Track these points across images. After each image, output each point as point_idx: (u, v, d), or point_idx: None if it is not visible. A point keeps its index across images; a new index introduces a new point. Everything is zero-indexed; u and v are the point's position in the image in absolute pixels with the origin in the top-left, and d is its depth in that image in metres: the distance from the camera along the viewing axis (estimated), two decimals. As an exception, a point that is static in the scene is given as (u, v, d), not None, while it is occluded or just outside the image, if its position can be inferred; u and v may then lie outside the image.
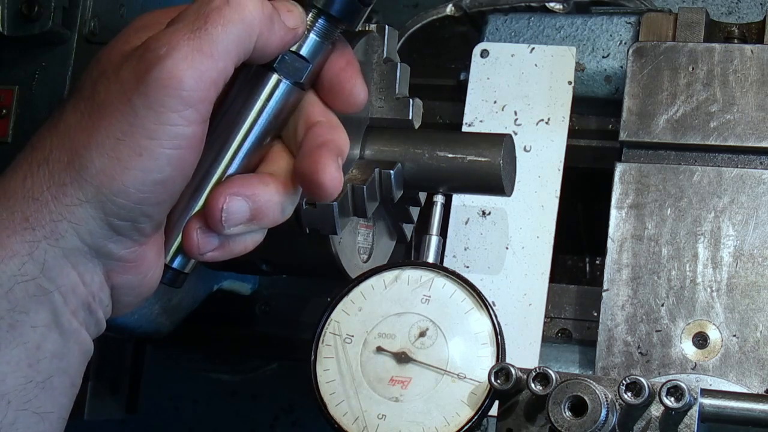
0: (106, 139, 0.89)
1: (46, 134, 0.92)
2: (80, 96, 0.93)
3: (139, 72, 0.89)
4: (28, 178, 0.91)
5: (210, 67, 0.90)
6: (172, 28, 0.91)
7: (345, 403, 1.08)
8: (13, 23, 1.18)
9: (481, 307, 1.10)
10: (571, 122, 1.34)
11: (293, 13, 0.96)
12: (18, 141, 1.20)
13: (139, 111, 0.88)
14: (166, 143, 0.89)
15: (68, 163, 0.90)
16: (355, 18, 1.00)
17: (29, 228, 0.90)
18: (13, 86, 1.21)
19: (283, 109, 1.00)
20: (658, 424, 1.02)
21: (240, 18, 0.91)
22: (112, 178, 0.89)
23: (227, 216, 0.95)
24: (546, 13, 1.40)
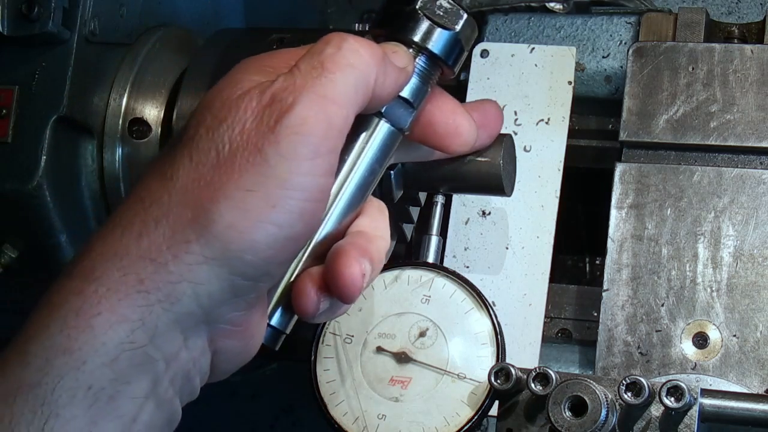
0: (235, 191, 0.84)
1: (159, 188, 0.86)
2: (194, 147, 0.87)
3: (269, 120, 0.85)
4: (144, 236, 0.85)
5: (337, 113, 0.87)
6: (290, 76, 0.87)
7: (345, 403, 1.08)
8: (13, 23, 1.18)
9: (481, 307, 1.10)
10: (571, 122, 1.34)
11: (399, 53, 0.93)
12: (18, 141, 1.20)
13: (271, 160, 0.84)
14: (298, 194, 0.85)
15: (192, 218, 0.84)
16: (457, 60, 0.97)
17: (143, 291, 0.83)
18: (13, 86, 1.21)
19: (387, 155, 0.96)
20: (658, 424, 1.02)
21: (356, 62, 0.88)
22: (242, 233, 0.84)
23: (356, 284, 0.91)
24: (546, 13, 1.40)
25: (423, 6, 0.94)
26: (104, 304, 0.83)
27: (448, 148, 1.01)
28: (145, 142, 1.25)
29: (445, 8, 0.94)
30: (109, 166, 1.25)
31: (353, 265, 0.90)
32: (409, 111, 0.95)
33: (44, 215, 1.20)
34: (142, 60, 1.27)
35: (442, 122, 0.98)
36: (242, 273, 0.85)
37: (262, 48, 1.22)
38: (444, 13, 0.94)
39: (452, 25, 0.95)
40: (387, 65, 0.91)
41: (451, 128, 0.99)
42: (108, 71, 1.26)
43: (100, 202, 1.26)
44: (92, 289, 0.83)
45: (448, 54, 0.95)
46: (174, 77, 1.28)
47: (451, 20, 0.95)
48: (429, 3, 0.94)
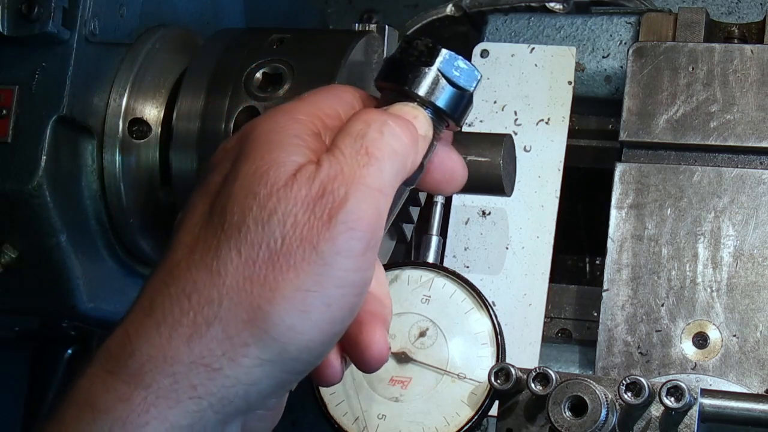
0: (294, 292, 0.81)
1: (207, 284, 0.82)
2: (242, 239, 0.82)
3: (322, 215, 0.82)
4: (195, 340, 0.80)
5: (385, 204, 0.84)
6: (336, 162, 0.84)
7: (345, 403, 1.08)
8: (13, 23, 1.18)
9: (481, 307, 1.10)
10: (571, 122, 1.34)
11: (419, 119, 0.90)
12: (18, 141, 1.20)
13: (328, 258, 0.81)
14: (351, 290, 0.83)
15: (248, 321, 0.80)
16: (465, 115, 0.95)
17: (196, 398, 0.80)
18: (13, 86, 1.21)
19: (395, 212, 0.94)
20: (658, 424, 1.02)
21: (399, 149, 0.86)
22: (302, 334, 0.81)
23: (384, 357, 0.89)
24: (546, 13, 1.40)
25: (442, 66, 0.92)
26: (153, 412, 0.80)
27: (444, 191, 1.00)
28: (145, 142, 1.25)
29: (462, 68, 0.93)
30: (109, 166, 1.24)
31: (379, 340, 0.89)
32: (420, 170, 0.94)
33: (44, 215, 1.20)
34: (142, 60, 1.27)
35: (439, 169, 0.96)
36: (294, 370, 0.84)
37: (262, 48, 1.22)
38: (460, 74, 0.93)
39: (468, 86, 0.93)
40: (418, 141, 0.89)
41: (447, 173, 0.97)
42: (108, 71, 1.25)
43: (100, 202, 1.25)
44: (141, 396, 0.80)
45: (459, 113, 0.94)
46: (174, 77, 1.28)
47: (467, 81, 0.93)
48: (447, 63, 0.92)
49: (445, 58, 0.92)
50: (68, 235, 1.22)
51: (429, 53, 0.92)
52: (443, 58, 0.92)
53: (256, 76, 1.20)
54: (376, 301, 0.92)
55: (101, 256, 1.27)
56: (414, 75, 0.92)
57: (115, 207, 1.25)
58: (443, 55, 0.92)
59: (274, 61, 1.20)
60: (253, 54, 1.21)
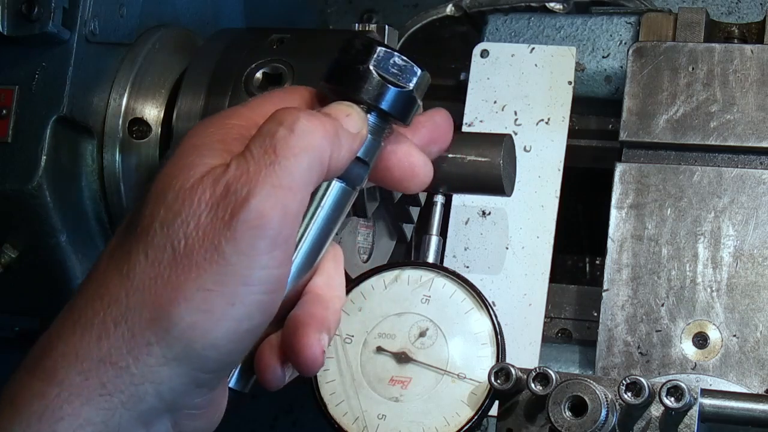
0: (195, 291, 0.82)
1: (117, 286, 0.84)
2: (149, 242, 0.84)
3: (224, 216, 0.83)
4: (104, 339, 0.83)
5: (292, 200, 0.84)
6: (243, 162, 0.85)
7: (345, 403, 1.08)
8: (13, 23, 1.18)
9: (481, 307, 1.10)
10: (571, 122, 1.34)
11: (353, 116, 0.90)
12: (18, 141, 1.20)
13: (230, 258, 0.82)
14: (257, 288, 0.84)
15: (151, 320, 0.83)
16: (410, 114, 0.94)
17: (106, 395, 0.82)
18: (13, 86, 1.21)
19: (341, 213, 0.94)
20: (658, 424, 1.02)
21: (309, 144, 0.85)
22: (204, 333, 0.83)
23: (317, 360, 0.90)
24: (546, 13, 1.40)
25: (377, 65, 0.91)
26: (66, 408, 0.82)
27: (405, 189, 1.00)
28: (145, 142, 1.25)
29: (399, 66, 0.92)
30: (109, 166, 1.24)
31: (313, 344, 0.89)
32: (364, 169, 0.93)
33: (44, 215, 1.20)
34: (142, 60, 1.27)
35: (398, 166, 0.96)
36: (204, 368, 0.85)
37: (262, 48, 1.22)
38: (398, 71, 0.92)
39: (406, 83, 0.92)
40: (341, 136, 0.88)
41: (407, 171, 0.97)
42: (108, 71, 1.25)
43: (100, 202, 1.26)
44: (54, 392, 0.82)
45: (402, 111, 0.93)
46: (174, 77, 1.28)
47: (406, 78, 0.92)
48: (383, 61, 0.91)
49: (380, 56, 0.91)
50: (68, 235, 1.22)
51: (365, 52, 0.91)
52: (378, 56, 0.91)
53: (256, 76, 1.20)
54: (319, 304, 0.92)
55: (101, 256, 1.27)
56: (350, 75, 0.92)
57: (115, 207, 1.25)
58: (378, 53, 0.91)
59: (274, 61, 1.20)
60: (253, 54, 1.22)
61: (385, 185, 1.00)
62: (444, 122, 1.02)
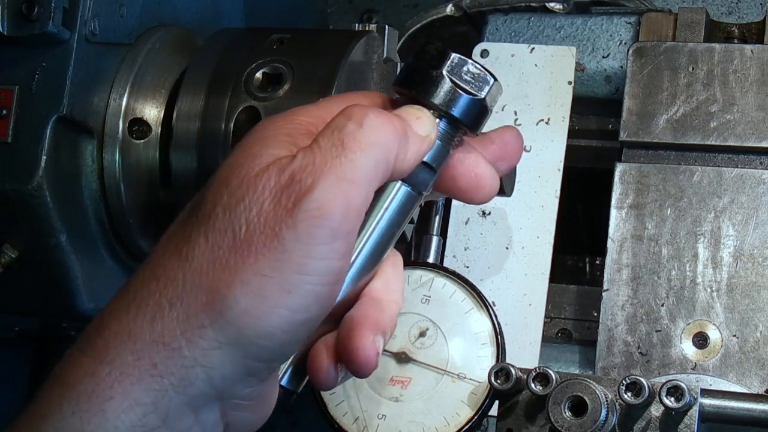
0: (252, 276, 0.82)
1: (174, 268, 0.84)
2: (210, 226, 0.85)
3: (286, 204, 0.83)
4: (158, 319, 0.83)
5: (356, 194, 0.84)
6: (310, 153, 0.85)
7: (345, 403, 1.08)
8: (13, 23, 1.18)
9: (481, 307, 1.10)
10: (571, 122, 1.34)
11: (422, 119, 0.91)
12: (18, 141, 1.20)
13: (288, 245, 0.82)
14: (315, 279, 0.83)
15: (207, 303, 0.83)
16: (481, 123, 0.94)
17: (157, 376, 0.82)
18: (13, 86, 1.21)
19: (405, 217, 0.94)
20: (658, 424, 1.02)
21: (377, 140, 0.86)
22: (258, 319, 0.83)
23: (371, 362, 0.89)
24: (546, 13, 1.40)
25: (451, 71, 0.91)
26: (117, 387, 0.82)
27: (470, 200, 0.99)
28: (145, 142, 1.25)
29: (473, 73, 0.92)
30: (109, 166, 1.24)
31: (368, 346, 0.89)
32: (431, 175, 0.93)
33: (44, 215, 1.20)
34: (142, 60, 1.27)
35: (465, 176, 0.96)
36: (257, 356, 0.84)
37: (262, 48, 1.22)
38: (471, 79, 0.91)
39: (478, 91, 0.92)
40: (409, 137, 0.89)
41: (473, 182, 0.96)
42: (108, 71, 1.25)
43: (100, 202, 1.26)
44: (105, 371, 0.82)
45: (472, 119, 0.93)
46: (174, 77, 1.28)
47: (478, 86, 0.92)
48: (457, 68, 0.91)
49: (454, 63, 0.91)
50: (68, 235, 1.22)
51: (438, 57, 0.91)
52: (452, 62, 0.91)
53: (256, 76, 1.20)
54: (375, 306, 0.92)
55: (101, 256, 1.27)
56: (422, 80, 0.91)
57: (115, 207, 1.25)
58: (452, 59, 0.91)
59: (274, 61, 1.20)
60: (253, 54, 1.22)
61: (449, 194, 0.99)
62: (514, 140, 1.02)
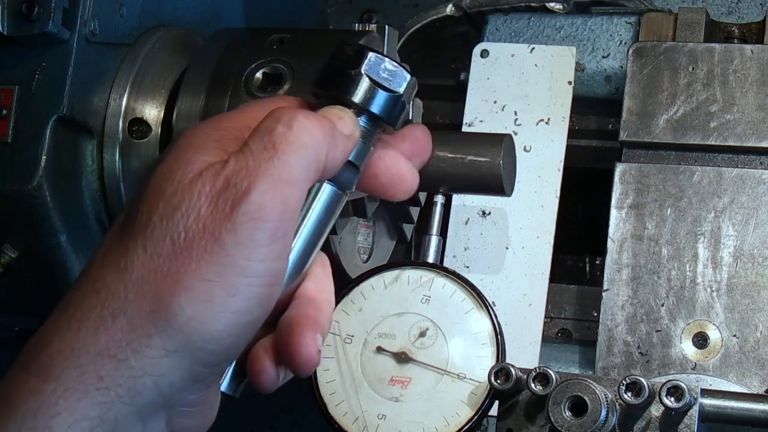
0: (195, 282, 0.83)
1: (115, 280, 0.84)
2: (148, 236, 0.85)
3: (224, 208, 0.84)
4: (102, 332, 0.83)
5: (291, 195, 0.86)
6: (242, 157, 0.86)
7: (345, 403, 1.08)
8: (13, 23, 1.18)
9: (481, 307, 1.10)
10: (571, 122, 1.34)
11: (345, 119, 0.92)
12: (18, 141, 1.20)
13: (230, 249, 0.83)
14: (257, 281, 0.84)
15: (151, 312, 0.83)
16: (399, 118, 0.95)
17: (103, 388, 0.82)
18: (13, 86, 1.21)
19: (332, 216, 0.95)
20: (658, 424, 1.02)
21: (308, 141, 0.87)
22: (205, 324, 0.83)
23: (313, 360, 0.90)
24: (546, 13, 1.40)
25: (368, 69, 0.93)
26: (62, 404, 0.82)
27: (391, 196, 1.00)
28: (145, 142, 1.25)
29: (390, 70, 0.93)
30: (109, 166, 1.25)
31: (308, 344, 0.90)
32: (354, 173, 0.94)
33: (44, 215, 1.20)
34: (142, 60, 1.27)
35: (386, 173, 0.98)
36: (204, 361, 0.85)
37: (262, 48, 1.22)
38: (389, 76, 0.93)
39: (396, 87, 0.94)
40: (336, 137, 0.90)
41: (395, 178, 0.98)
42: (108, 71, 1.25)
43: (100, 202, 1.26)
44: (50, 388, 0.82)
45: (391, 115, 0.94)
46: (174, 77, 1.28)
47: (396, 83, 0.94)
48: (374, 66, 0.93)
49: (371, 61, 0.93)
50: (68, 235, 1.22)
51: (356, 57, 0.93)
52: (369, 61, 0.93)
53: (256, 76, 1.20)
54: (312, 305, 0.93)
55: (101, 256, 1.26)
56: (341, 80, 0.93)
57: (115, 207, 1.25)
58: (369, 58, 0.93)
59: (274, 61, 1.20)
60: (253, 54, 1.22)
61: (371, 192, 1.01)
62: (423, 136, 1.04)
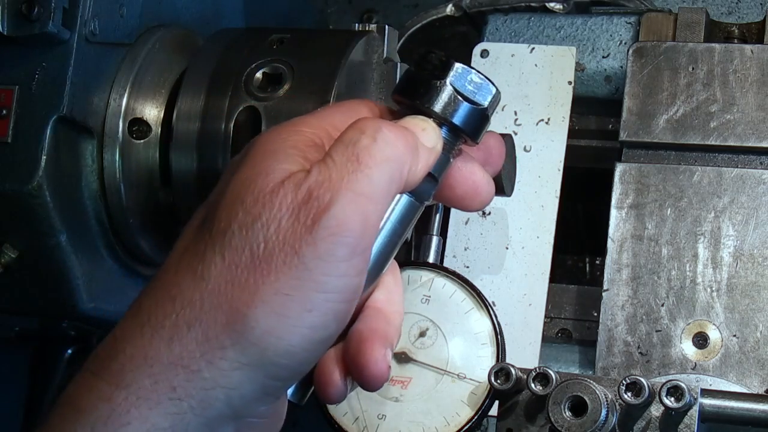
0: (273, 295, 0.81)
1: (191, 287, 0.83)
2: (227, 244, 0.83)
3: (305, 221, 0.82)
4: (176, 341, 0.81)
5: (372, 210, 0.84)
6: (325, 169, 0.84)
7: (345, 403, 1.08)
8: (13, 23, 1.18)
9: (481, 307, 1.10)
10: (571, 122, 1.34)
11: (428, 131, 0.90)
12: (18, 141, 1.20)
13: (309, 263, 0.82)
14: (334, 296, 0.83)
15: (227, 323, 0.81)
16: (482, 132, 0.94)
17: (176, 399, 0.81)
18: (13, 86, 1.21)
19: (407, 227, 0.93)
20: (658, 424, 1.02)
21: (391, 155, 0.85)
22: (280, 339, 0.82)
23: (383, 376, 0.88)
24: (546, 13, 1.40)
25: (454, 80, 0.91)
26: (134, 413, 0.81)
27: (466, 207, 0.99)
28: (145, 142, 1.25)
29: (476, 83, 0.92)
30: (109, 166, 1.24)
31: (378, 359, 0.88)
32: (433, 185, 0.93)
33: (44, 215, 1.20)
34: (142, 60, 1.27)
35: (463, 184, 0.96)
36: (276, 375, 0.84)
37: (262, 48, 1.22)
38: (474, 88, 0.91)
39: (482, 100, 0.92)
40: (419, 150, 0.88)
41: (471, 189, 0.97)
42: (108, 71, 1.25)
43: (100, 202, 1.26)
44: (122, 396, 0.81)
45: (474, 128, 0.93)
46: (174, 77, 1.28)
47: (481, 95, 0.92)
48: (460, 77, 0.91)
49: (458, 72, 0.91)
50: (68, 235, 1.22)
51: (442, 67, 0.91)
52: (455, 72, 0.91)
53: (256, 76, 1.20)
54: (382, 319, 0.91)
55: (101, 256, 1.27)
56: (426, 89, 0.91)
57: (115, 207, 1.25)
58: (455, 69, 0.91)
59: (274, 61, 1.20)
60: (253, 54, 1.21)
61: (447, 202, 0.99)
62: (497, 145, 1.02)
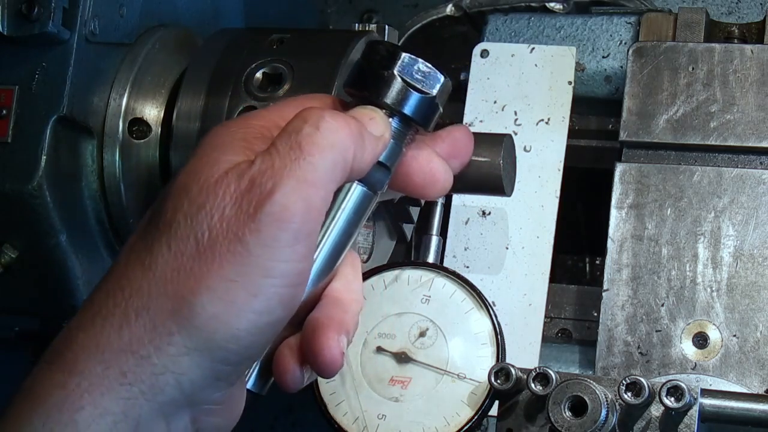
0: (218, 282, 0.84)
1: (139, 277, 0.85)
2: (173, 234, 0.85)
3: (248, 209, 0.84)
4: (125, 329, 0.84)
5: (316, 195, 0.86)
6: (269, 158, 0.86)
7: (345, 403, 1.08)
8: (13, 23, 1.18)
9: (481, 307, 1.10)
10: (571, 122, 1.34)
11: (376, 120, 0.92)
12: (18, 141, 1.20)
13: (253, 249, 0.84)
14: (279, 281, 0.85)
15: (174, 310, 0.84)
16: (432, 120, 0.95)
17: (126, 384, 0.83)
18: (13, 86, 1.21)
19: (362, 217, 0.94)
20: (658, 424, 1.02)
21: (334, 142, 0.87)
22: (226, 324, 0.84)
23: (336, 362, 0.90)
24: (546, 13, 1.41)
25: (401, 70, 0.92)
26: (87, 398, 0.83)
27: (426, 196, 1.01)
28: (145, 142, 1.25)
29: (423, 72, 0.93)
30: (109, 166, 1.25)
31: (332, 345, 0.90)
32: (386, 174, 0.94)
33: (44, 215, 1.20)
34: (142, 60, 1.27)
35: (419, 172, 0.98)
36: (224, 360, 0.85)
37: (262, 48, 1.22)
38: (422, 77, 0.93)
39: (430, 89, 0.93)
40: (365, 138, 0.90)
41: (428, 177, 0.98)
42: (108, 71, 1.25)
43: (100, 202, 1.26)
44: (75, 382, 0.83)
45: (424, 117, 0.94)
46: (174, 77, 1.28)
47: (429, 84, 0.93)
48: (408, 67, 0.92)
49: (405, 62, 0.92)
50: (68, 235, 1.22)
51: (389, 57, 0.92)
52: (403, 62, 0.92)
53: (256, 76, 1.20)
54: (338, 306, 0.93)
55: (101, 256, 1.27)
56: (374, 80, 0.92)
57: (115, 207, 1.25)
58: (402, 58, 0.92)
59: (274, 61, 1.20)
60: (253, 54, 1.22)
61: (405, 191, 1.01)
62: (463, 137, 1.03)
